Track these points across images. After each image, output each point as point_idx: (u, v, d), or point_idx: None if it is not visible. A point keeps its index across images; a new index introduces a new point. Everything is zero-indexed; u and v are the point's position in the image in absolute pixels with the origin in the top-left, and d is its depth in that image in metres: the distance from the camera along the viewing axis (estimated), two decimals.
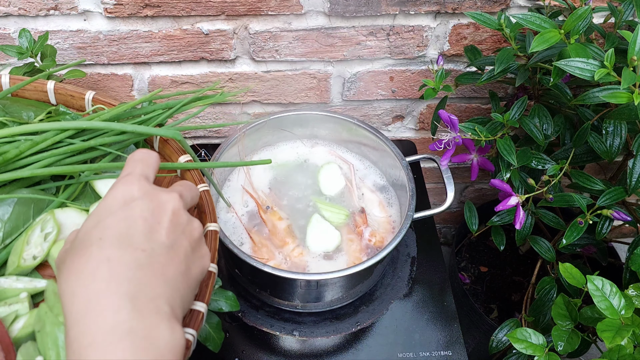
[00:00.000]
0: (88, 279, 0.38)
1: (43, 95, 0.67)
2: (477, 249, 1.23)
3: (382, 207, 0.82)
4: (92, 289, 0.38)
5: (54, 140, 0.58)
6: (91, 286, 0.38)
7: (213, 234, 0.56)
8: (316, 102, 1.01)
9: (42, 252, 0.56)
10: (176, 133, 0.60)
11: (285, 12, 0.85)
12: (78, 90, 0.66)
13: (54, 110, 0.65)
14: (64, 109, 0.64)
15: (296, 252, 0.75)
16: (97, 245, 0.39)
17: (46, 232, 0.57)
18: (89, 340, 0.36)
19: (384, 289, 0.79)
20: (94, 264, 0.39)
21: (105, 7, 0.82)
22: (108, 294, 0.37)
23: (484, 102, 1.05)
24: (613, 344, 0.59)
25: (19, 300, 0.52)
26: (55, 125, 0.58)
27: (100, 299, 0.37)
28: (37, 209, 0.59)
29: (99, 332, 0.36)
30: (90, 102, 0.66)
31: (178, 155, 0.64)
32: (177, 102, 0.65)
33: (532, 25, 0.66)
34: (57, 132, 0.58)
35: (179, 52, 0.89)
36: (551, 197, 0.75)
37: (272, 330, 0.73)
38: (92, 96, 0.66)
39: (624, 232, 1.00)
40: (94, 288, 0.38)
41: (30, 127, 0.57)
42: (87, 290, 0.38)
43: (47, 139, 0.57)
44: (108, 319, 0.36)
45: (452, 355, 0.76)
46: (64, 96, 0.67)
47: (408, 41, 0.92)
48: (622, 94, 0.60)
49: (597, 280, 0.64)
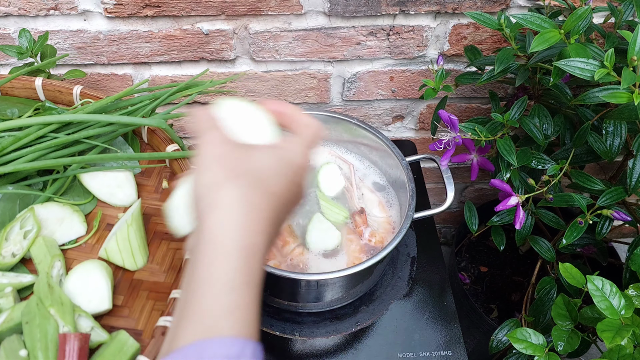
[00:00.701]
0: (247, 228, 0.38)
1: (32, 93, 0.67)
2: (477, 249, 1.23)
3: (382, 207, 0.82)
4: (249, 239, 0.38)
5: (37, 134, 0.57)
6: (248, 233, 0.38)
7: None
8: (316, 102, 1.01)
9: (21, 250, 0.56)
10: (161, 122, 0.60)
11: (285, 12, 0.85)
12: (66, 85, 0.66)
13: (41, 106, 0.64)
14: (50, 104, 0.64)
15: (297, 251, 0.75)
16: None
17: (26, 230, 0.57)
18: (242, 280, 0.36)
19: (384, 289, 0.79)
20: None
21: (105, 7, 0.82)
22: (260, 247, 0.38)
23: (484, 102, 1.05)
24: (613, 344, 0.59)
25: (3, 295, 0.52)
26: (37, 120, 0.57)
27: (255, 247, 0.38)
28: (23, 205, 0.58)
29: (251, 276, 0.37)
30: (78, 97, 0.66)
31: (165, 144, 0.64)
32: (164, 92, 0.64)
33: (532, 25, 0.66)
34: (41, 127, 0.57)
35: (179, 52, 0.89)
36: (551, 197, 0.75)
37: (272, 330, 0.73)
38: (79, 90, 0.65)
39: (624, 232, 1.00)
40: (253, 240, 0.38)
41: (12, 123, 0.57)
42: (246, 236, 0.38)
43: (30, 134, 0.57)
44: (257, 268, 0.38)
45: (452, 355, 0.76)
46: (52, 92, 0.66)
47: (408, 41, 0.92)
48: (622, 94, 0.60)
49: (597, 280, 0.64)
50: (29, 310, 0.49)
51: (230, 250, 0.37)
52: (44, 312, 0.49)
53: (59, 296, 0.52)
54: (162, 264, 0.61)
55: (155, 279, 0.60)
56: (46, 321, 0.48)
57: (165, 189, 0.66)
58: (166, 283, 0.59)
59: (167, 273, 0.60)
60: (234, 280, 0.36)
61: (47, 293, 0.51)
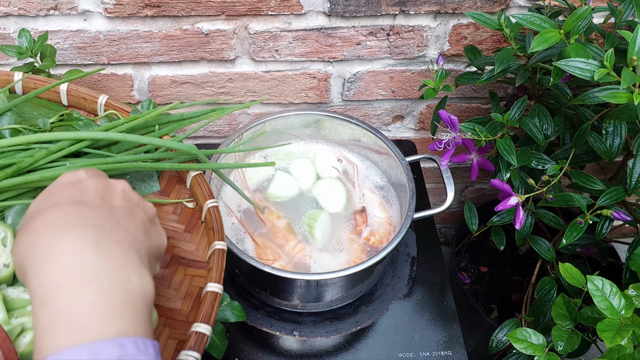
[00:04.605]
0: (48, 228, 0.36)
1: (55, 96, 0.66)
2: (477, 249, 1.23)
3: (383, 207, 0.82)
4: (53, 236, 0.36)
5: (69, 150, 0.57)
6: (51, 233, 0.36)
7: (220, 252, 0.55)
8: (316, 102, 1.01)
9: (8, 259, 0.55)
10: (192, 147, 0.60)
11: (285, 12, 0.85)
12: (91, 93, 0.66)
13: (67, 114, 0.64)
14: (77, 115, 0.64)
15: (298, 248, 0.75)
16: (53, 208, 0.38)
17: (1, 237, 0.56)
18: (55, 284, 0.34)
19: (384, 289, 0.79)
20: (51, 219, 0.37)
21: (105, 7, 0.82)
22: (71, 238, 0.35)
23: (484, 102, 1.05)
24: (613, 344, 0.59)
25: (26, 312, 0.49)
26: (71, 135, 0.57)
27: (64, 242, 0.35)
28: None
29: (65, 274, 0.34)
30: (102, 107, 0.66)
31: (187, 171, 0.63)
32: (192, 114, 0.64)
33: (532, 25, 0.66)
34: (73, 142, 0.58)
35: (179, 52, 0.89)
36: (551, 197, 0.75)
37: (272, 330, 0.73)
38: (105, 100, 0.65)
39: (624, 232, 1.00)
40: (54, 235, 0.36)
41: (45, 136, 0.57)
42: (48, 237, 0.36)
43: (63, 148, 0.57)
44: (73, 261, 0.34)
45: (452, 355, 0.76)
46: (76, 98, 0.66)
47: (408, 41, 0.92)
48: (622, 94, 0.60)
49: (597, 280, 0.64)
50: None
51: (33, 264, 0.35)
52: None
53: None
54: (178, 289, 0.58)
55: (172, 305, 0.56)
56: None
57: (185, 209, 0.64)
58: (182, 311, 0.56)
59: (184, 300, 0.57)
60: (43, 292, 0.34)
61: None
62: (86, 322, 0.33)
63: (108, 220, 0.38)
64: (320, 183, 0.83)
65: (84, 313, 0.33)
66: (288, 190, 0.82)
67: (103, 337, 0.33)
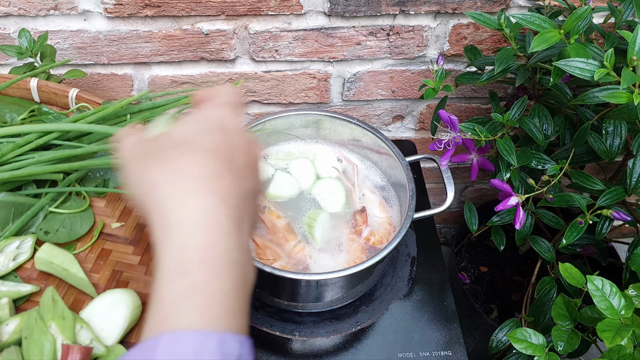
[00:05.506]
0: (198, 191, 0.34)
1: (26, 93, 0.66)
2: (477, 249, 1.23)
3: (382, 207, 0.82)
4: (204, 200, 0.34)
5: (38, 143, 0.56)
6: (204, 198, 0.34)
7: None
8: (316, 102, 1.01)
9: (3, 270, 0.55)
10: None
11: (285, 12, 0.85)
12: (61, 87, 0.65)
13: (37, 109, 0.63)
14: (46, 109, 0.63)
15: (297, 248, 0.75)
16: (201, 155, 0.36)
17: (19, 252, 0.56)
18: (199, 256, 0.33)
19: (384, 289, 0.79)
20: (204, 182, 0.35)
21: (105, 7, 0.82)
22: (221, 213, 0.34)
23: (484, 102, 1.05)
24: (613, 344, 0.59)
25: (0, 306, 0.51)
26: (38, 127, 0.56)
27: (215, 216, 0.34)
28: (17, 212, 0.57)
29: (212, 252, 0.33)
30: (74, 100, 0.65)
31: None
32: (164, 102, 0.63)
33: (532, 25, 0.66)
34: (41, 135, 0.57)
35: (179, 52, 0.89)
36: (551, 197, 0.75)
37: (272, 330, 0.73)
38: (75, 94, 0.64)
39: (624, 232, 1.00)
40: (206, 200, 0.34)
41: (13, 129, 0.56)
42: (200, 198, 0.34)
43: (31, 141, 0.56)
44: (221, 241, 0.33)
45: (452, 355, 0.76)
46: (47, 94, 0.66)
47: (408, 41, 0.92)
48: (622, 94, 0.60)
49: (597, 280, 0.64)
50: (28, 325, 0.49)
51: (180, 223, 0.33)
52: (42, 327, 0.49)
53: (61, 310, 0.51)
54: None
55: None
56: (43, 336, 0.48)
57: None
58: None
59: None
60: (187, 260, 0.33)
61: (51, 307, 0.51)
62: (220, 311, 0.32)
63: (247, 203, 0.37)
64: (320, 183, 0.83)
65: (219, 300, 0.32)
66: (288, 190, 0.82)
67: (231, 330, 0.32)
